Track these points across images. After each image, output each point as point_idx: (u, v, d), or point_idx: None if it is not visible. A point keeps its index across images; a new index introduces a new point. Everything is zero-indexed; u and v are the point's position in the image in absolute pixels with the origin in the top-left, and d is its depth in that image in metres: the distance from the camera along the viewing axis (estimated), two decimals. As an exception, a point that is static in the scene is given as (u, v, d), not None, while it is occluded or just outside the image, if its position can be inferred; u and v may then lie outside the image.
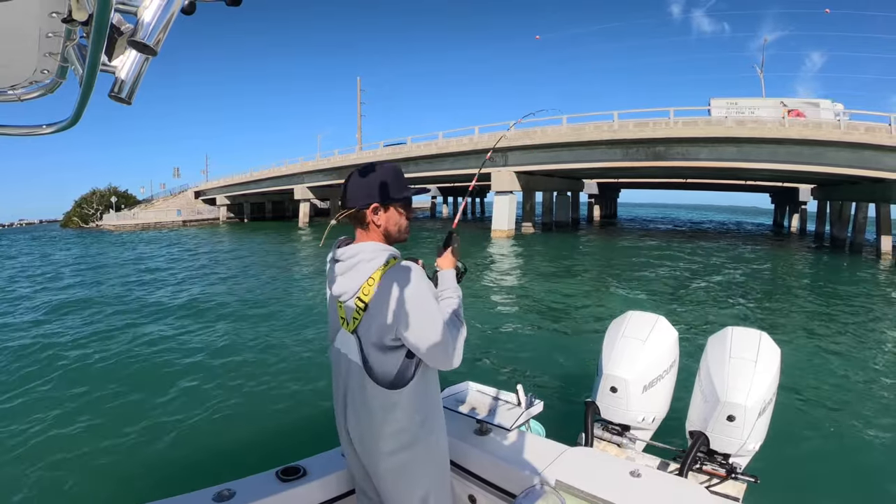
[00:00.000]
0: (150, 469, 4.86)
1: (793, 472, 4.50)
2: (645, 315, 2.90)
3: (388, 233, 1.78)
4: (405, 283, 1.63)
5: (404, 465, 1.73)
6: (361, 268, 1.70)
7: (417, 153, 36.39)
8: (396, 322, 1.62)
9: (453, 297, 1.80)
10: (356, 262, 1.71)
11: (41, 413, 6.20)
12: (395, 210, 1.79)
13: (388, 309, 1.63)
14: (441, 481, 1.85)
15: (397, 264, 1.69)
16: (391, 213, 1.78)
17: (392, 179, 1.76)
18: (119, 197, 64.33)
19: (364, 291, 1.67)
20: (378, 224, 1.76)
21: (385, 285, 1.64)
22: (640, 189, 65.11)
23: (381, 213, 1.75)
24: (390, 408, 1.69)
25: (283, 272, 19.05)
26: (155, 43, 0.79)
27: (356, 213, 1.76)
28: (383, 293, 1.64)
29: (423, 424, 1.74)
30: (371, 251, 1.71)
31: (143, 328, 10.47)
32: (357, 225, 1.79)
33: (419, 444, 1.74)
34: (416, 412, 1.72)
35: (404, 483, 1.75)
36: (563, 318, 11.16)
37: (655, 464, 2.55)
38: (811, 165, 23.66)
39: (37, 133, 1.14)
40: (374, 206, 1.73)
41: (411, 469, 1.74)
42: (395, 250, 1.77)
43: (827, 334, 9.83)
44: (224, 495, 1.91)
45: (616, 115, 27.78)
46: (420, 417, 1.73)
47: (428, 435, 1.77)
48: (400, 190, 1.78)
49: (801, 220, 44.08)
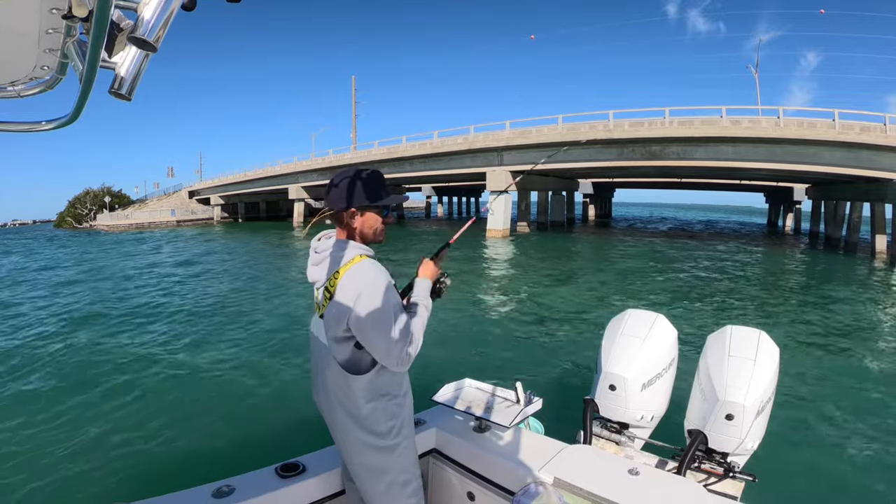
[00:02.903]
0: (150, 465, 4.86)
1: (791, 471, 4.52)
2: (644, 313, 2.91)
3: (363, 234, 1.91)
4: (363, 280, 1.75)
5: (362, 449, 1.83)
6: (331, 261, 1.84)
7: (412, 153, 36.36)
8: (348, 314, 1.73)
9: (419, 305, 1.90)
10: (328, 255, 1.86)
11: (41, 412, 6.18)
12: (371, 214, 1.91)
13: (343, 302, 1.75)
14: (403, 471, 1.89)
15: (362, 261, 1.80)
16: (367, 216, 1.90)
17: (371, 186, 1.88)
18: (113, 197, 63.92)
19: (331, 283, 1.81)
20: (354, 226, 1.89)
21: (346, 280, 1.76)
22: (635, 189, 65.27)
23: (357, 217, 1.88)
24: (347, 390, 1.81)
25: (280, 271, 19.02)
26: (155, 39, 0.79)
27: (335, 214, 1.91)
28: (344, 287, 1.76)
29: (380, 412, 1.83)
30: (342, 247, 1.85)
31: (143, 328, 10.44)
32: (337, 224, 1.94)
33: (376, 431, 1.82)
34: (372, 400, 1.81)
35: (365, 466, 1.85)
36: (561, 317, 11.17)
37: (654, 462, 2.56)
38: (807, 165, 23.78)
39: (36, 129, 1.14)
40: (351, 210, 1.86)
41: (370, 454, 1.84)
42: (366, 248, 1.88)
43: (825, 333, 9.88)
44: (223, 491, 1.92)
45: (611, 115, 27.83)
46: (377, 406, 1.82)
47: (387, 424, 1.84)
48: (377, 196, 1.89)
49: (796, 219, 44.31)
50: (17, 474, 4.76)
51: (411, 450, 1.93)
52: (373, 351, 1.75)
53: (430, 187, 63.47)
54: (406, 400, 1.94)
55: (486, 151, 32.88)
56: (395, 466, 1.86)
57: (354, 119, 58.89)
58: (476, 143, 32.91)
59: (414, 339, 1.77)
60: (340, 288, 1.76)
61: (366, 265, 1.78)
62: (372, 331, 1.72)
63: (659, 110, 26.82)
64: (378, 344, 1.73)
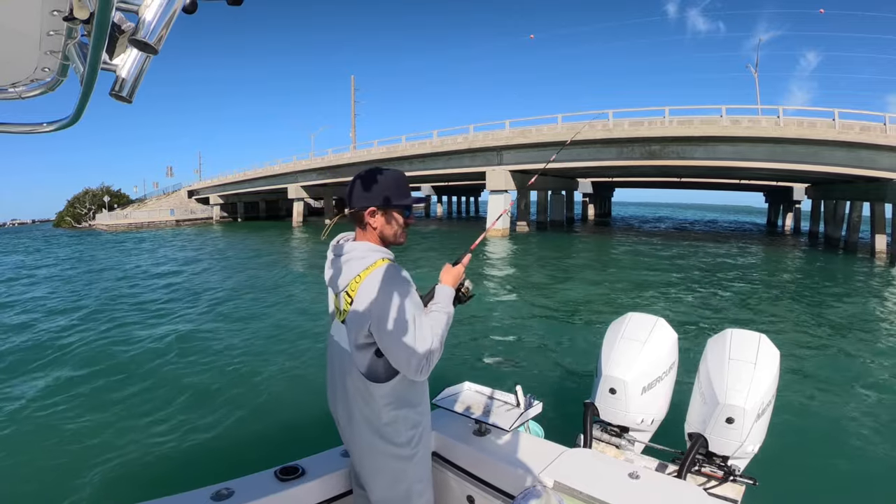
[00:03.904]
0: (149, 467, 4.85)
1: (791, 474, 4.50)
2: (644, 316, 2.90)
3: (383, 235, 1.86)
4: (385, 284, 1.70)
5: (379, 457, 1.80)
6: (352, 265, 1.78)
7: (412, 152, 36.36)
8: (369, 320, 1.70)
9: (440, 312, 1.81)
10: (348, 258, 1.80)
11: (40, 412, 6.18)
12: (392, 215, 1.85)
13: (365, 306, 1.71)
14: (419, 481, 1.87)
15: (383, 265, 1.75)
16: (389, 217, 1.85)
17: (394, 186, 1.83)
18: (112, 196, 63.83)
19: (351, 287, 1.76)
20: (374, 226, 1.84)
21: (367, 284, 1.72)
22: (634, 188, 65.31)
23: (378, 217, 1.83)
24: (368, 398, 1.77)
25: (280, 272, 18.97)
26: (156, 41, 0.79)
27: (355, 213, 1.84)
28: (365, 291, 1.72)
29: (401, 422, 1.80)
30: (363, 250, 1.80)
31: (142, 328, 10.43)
32: (357, 224, 1.88)
33: (396, 441, 1.80)
34: (394, 409, 1.78)
35: (382, 474, 1.82)
36: (561, 318, 11.17)
37: (654, 465, 2.56)
38: (807, 165, 23.79)
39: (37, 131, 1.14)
40: (371, 209, 1.81)
41: (388, 462, 1.80)
42: (387, 252, 1.84)
43: (826, 335, 9.89)
44: (223, 494, 1.91)
45: (611, 115, 27.84)
46: (398, 415, 1.79)
47: (407, 434, 1.81)
48: (400, 197, 1.84)
49: (795, 219, 44.34)
50: (16, 475, 4.76)
51: (428, 457, 1.92)
52: (391, 358, 1.70)
53: (430, 187, 63.40)
54: (426, 409, 1.90)
55: (485, 151, 32.90)
56: (413, 475, 1.84)
57: (354, 119, 58.91)
58: (475, 142, 32.92)
59: (434, 348, 1.71)
60: (361, 292, 1.72)
61: (388, 269, 1.73)
62: (391, 337, 1.67)
63: (658, 110, 26.88)
64: (397, 351, 1.68)
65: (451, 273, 1.96)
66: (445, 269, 1.97)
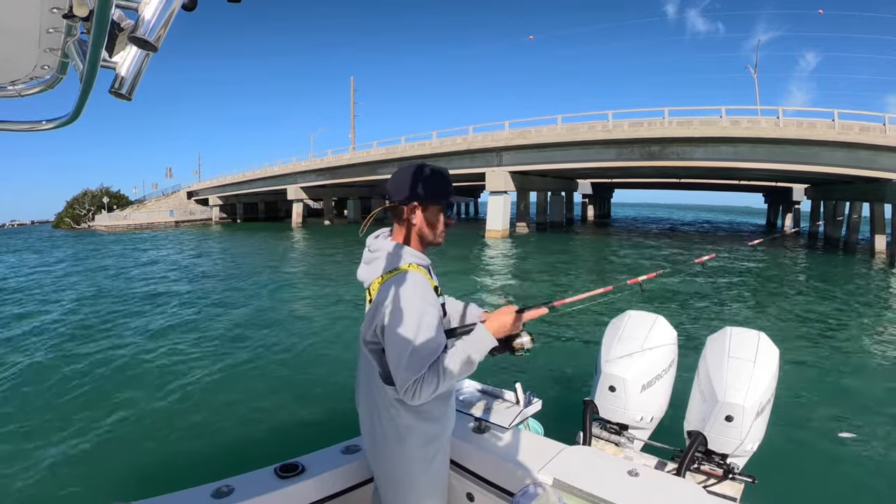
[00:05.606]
0: (149, 465, 4.86)
1: (790, 472, 4.50)
2: (644, 314, 2.90)
3: (422, 234, 1.77)
4: (402, 292, 1.61)
5: (397, 460, 1.75)
6: (379, 264, 1.73)
7: (411, 153, 36.30)
8: (379, 322, 1.64)
9: (460, 353, 1.62)
10: (377, 257, 1.75)
11: (40, 411, 6.19)
12: (434, 211, 1.77)
13: (378, 306, 1.65)
14: (434, 486, 1.83)
15: (408, 272, 1.66)
16: (429, 213, 1.76)
17: (436, 182, 1.75)
18: (111, 197, 63.87)
19: (373, 286, 1.72)
20: (413, 223, 1.75)
21: (387, 285, 1.65)
22: (634, 189, 65.29)
23: (418, 213, 1.74)
24: (383, 400, 1.72)
25: (281, 271, 18.98)
26: (156, 39, 0.79)
27: (395, 207, 1.76)
28: (383, 292, 1.65)
29: (417, 434, 1.74)
30: (393, 251, 1.73)
31: (142, 328, 10.42)
32: (395, 220, 1.80)
33: (409, 448, 1.74)
34: (410, 418, 1.72)
35: (395, 479, 1.77)
36: (560, 317, 11.16)
37: (653, 463, 2.56)
38: (806, 165, 23.79)
39: (37, 129, 1.14)
40: (413, 204, 1.73)
41: (403, 466, 1.75)
42: (421, 257, 1.76)
43: (825, 334, 9.90)
44: (222, 492, 1.91)
45: (611, 115, 27.84)
46: (414, 425, 1.72)
47: (421, 444, 1.75)
48: (442, 193, 1.76)
49: (795, 219, 44.32)
50: (16, 475, 4.75)
51: (445, 464, 1.87)
52: (392, 367, 1.60)
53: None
54: (448, 423, 1.84)
55: (485, 152, 32.88)
56: (426, 483, 1.79)
57: (353, 119, 59.01)
58: (475, 143, 32.92)
59: (432, 377, 1.56)
60: (380, 294, 1.66)
61: (411, 278, 1.64)
62: (389, 344, 1.60)
63: (658, 110, 26.85)
64: (390, 360, 1.60)
65: (501, 321, 1.74)
66: (503, 312, 1.77)
